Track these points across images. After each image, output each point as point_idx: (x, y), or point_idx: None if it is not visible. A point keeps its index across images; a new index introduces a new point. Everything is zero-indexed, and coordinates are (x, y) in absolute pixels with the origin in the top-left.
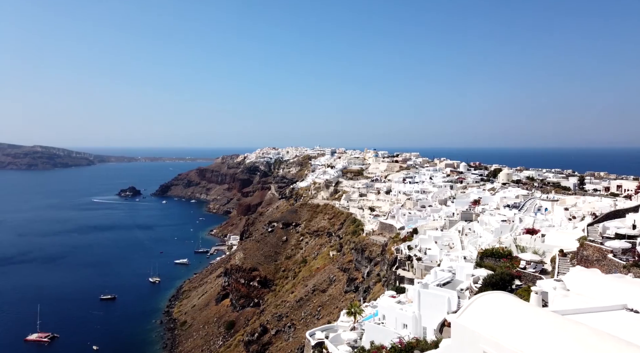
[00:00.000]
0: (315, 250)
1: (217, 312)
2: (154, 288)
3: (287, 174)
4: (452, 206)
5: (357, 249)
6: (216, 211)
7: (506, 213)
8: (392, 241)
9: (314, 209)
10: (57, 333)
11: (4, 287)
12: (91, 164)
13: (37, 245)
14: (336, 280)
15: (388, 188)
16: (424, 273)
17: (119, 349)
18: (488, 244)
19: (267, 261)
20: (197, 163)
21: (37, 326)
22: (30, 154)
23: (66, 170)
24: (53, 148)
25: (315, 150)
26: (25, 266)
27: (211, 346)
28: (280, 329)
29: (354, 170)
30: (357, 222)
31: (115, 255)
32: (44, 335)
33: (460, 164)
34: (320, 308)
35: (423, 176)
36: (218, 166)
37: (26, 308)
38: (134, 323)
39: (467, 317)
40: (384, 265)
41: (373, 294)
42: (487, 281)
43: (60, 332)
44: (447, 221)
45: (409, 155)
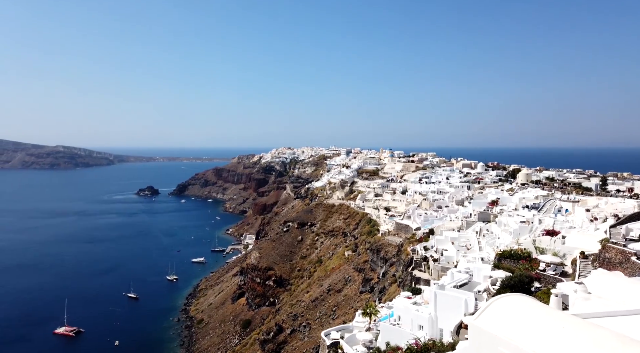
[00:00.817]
0: (331, 250)
1: (233, 311)
2: (171, 287)
3: (302, 174)
4: (469, 207)
5: (372, 249)
6: (232, 211)
7: (525, 214)
8: (408, 241)
9: (329, 209)
10: (82, 328)
11: (34, 283)
12: (111, 163)
13: (61, 243)
14: (351, 280)
15: (404, 188)
16: (441, 275)
17: (138, 345)
18: (506, 245)
19: (282, 260)
20: (214, 163)
21: (64, 320)
22: (53, 154)
23: (87, 170)
24: (75, 148)
25: (331, 150)
26: (51, 262)
27: (227, 344)
28: (296, 328)
29: (370, 170)
30: (372, 222)
31: (134, 253)
32: (71, 329)
33: (477, 164)
34: (336, 308)
35: (439, 176)
36: (234, 166)
37: (55, 303)
38: (153, 321)
39: (485, 319)
40: (400, 265)
41: (389, 295)
42: (506, 283)
43: (85, 327)
44: (464, 222)
45: (425, 155)
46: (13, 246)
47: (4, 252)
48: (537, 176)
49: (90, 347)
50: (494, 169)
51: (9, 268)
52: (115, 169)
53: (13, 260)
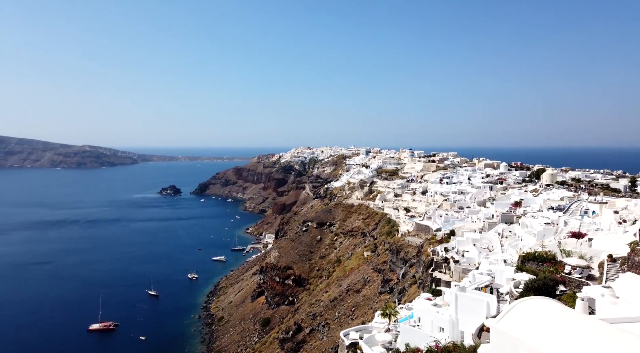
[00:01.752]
0: (350, 249)
1: (253, 309)
2: (192, 284)
3: (321, 173)
4: (492, 208)
5: (392, 250)
6: (252, 210)
7: (550, 215)
8: (428, 242)
9: (348, 209)
10: (117, 322)
11: (66, 281)
12: (135, 163)
13: (89, 241)
14: (370, 280)
15: (424, 188)
16: (462, 276)
17: (162, 341)
18: (530, 247)
19: (301, 260)
20: (234, 163)
21: (98, 316)
22: (80, 153)
23: (112, 169)
24: (100, 147)
25: (350, 150)
26: (80, 260)
27: (247, 342)
28: (315, 328)
29: (389, 170)
30: (392, 222)
31: (158, 252)
32: (108, 324)
33: (500, 164)
34: (355, 308)
35: (461, 176)
36: (254, 166)
37: (85, 301)
38: (175, 317)
39: (508, 322)
40: (420, 266)
41: (408, 296)
42: (529, 285)
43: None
44: (486, 223)
45: (446, 155)
46: (40, 245)
47: (32, 252)
48: (562, 177)
49: (119, 342)
50: (518, 169)
51: (39, 264)
52: (139, 168)
53: (42, 258)
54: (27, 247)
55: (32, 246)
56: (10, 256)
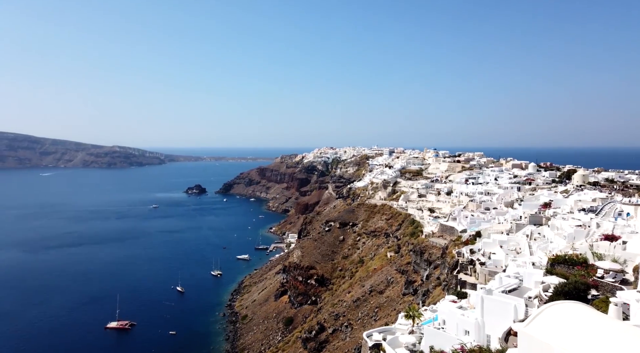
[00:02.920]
0: (373, 250)
1: (276, 308)
2: (217, 282)
3: (344, 174)
4: (520, 209)
5: (415, 251)
6: (275, 210)
7: (581, 217)
8: (453, 244)
9: (371, 209)
10: (134, 323)
11: (88, 279)
12: (162, 163)
13: (117, 238)
14: (394, 281)
15: (449, 188)
16: (488, 279)
17: (187, 337)
18: (560, 250)
19: (324, 260)
20: (258, 163)
21: (116, 314)
22: (110, 153)
23: (141, 168)
24: (129, 148)
25: (373, 150)
26: (104, 259)
27: (270, 341)
28: (337, 328)
29: (413, 170)
30: (415, 223)
31: (184, 249)
32: (124, 323)
33: (528, 164)
34: (378, 309)
35: (487, 176)
36: (277, 166)
37: (105, 298)
38: (200, 314)
39: (536, 327)
40: (445, 268)
41: (432, 298)
42: (559, 289)
43: (137, 320)
44: (513, 225)
45: (472, 155)
46: (71, 242)
47: (61, 248)
48: (595, 178)
49: (143, 339)
50: (547, 169)
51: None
52: (166, 168)
53: (68, 255)
54: (57, 243)
55: (62, 243)
56: (45, 253)
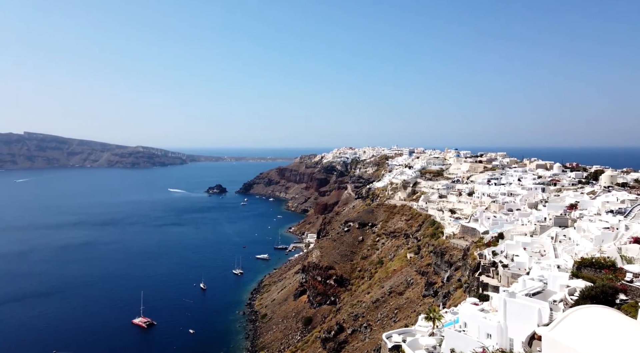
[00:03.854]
0: (392, 251)
1: (295, 307)
2: (237, 280)
3: (363, 174)
4: (544, 211)
5: (436, 252)
6: (294, 210)
7: (609, 219)
8: (475, 245)
9: (390, 209)
10: (155, 321)
11: (115, 275)
12: (184, 163)
13: (141, 237)
14: (414, 283)
15: (470, 189)
16: (511, 281)
17: (208, 335)
18: (586, 253)
19: (343, 260)
20: (277, 163)
21: (140, 311)
22: (134, 154)
23: (163, 168)
24: (152, 148)
25: (393, 150)
26: (131, 256)
27: (289, 340)
28: (357, 329)
29: (433, 171)
30: (436, 224)
31: (205, 248)
32: (145, 321)
33: (553, 165)
34: (397, 310)
35: (510, 177)
36: (296, 166)
37: (132, 294)
38: (220, 313)
39: (561, 331)
40: (466, 270)
41: (453, 300)
42: (586, 293)
43: (159, 317)
44: (537, 227)
45: (495, 155)
46: (101, 239)
47: (91, 245)
48: (623, 178)
49: (165, 336)
50: (573, 170)
51: (95, 257)
52: (188, 168)
53: (98, 253)
54: (85, 241)
55: (91, 240)
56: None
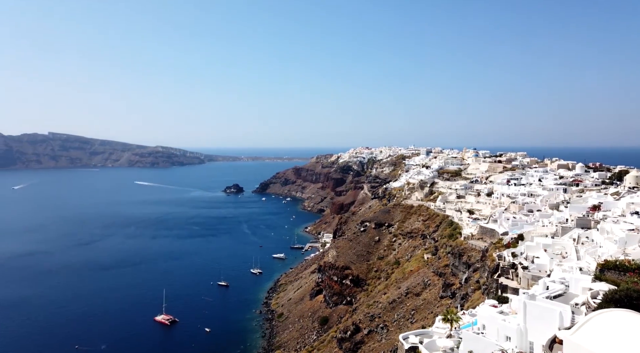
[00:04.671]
0: (409, 251)
1: (312, 307)
2: (255, 279)
3: (380, 174)
4: (566, 212)
5: (454, 253)
6: (310, 209)
7: (634, 220)
8: (494, 247)
9: (407, 210)
10: (177, 318)
11: (138, 274)
12: (202, 162)
13: (160, 236)
14: (431, 284)
15: (489, 189)
16: (531, 284)
17: (225, 333)
18: (610, 255)
19: (359, 260)
20: (294, 162)
21: (162, 308)
22: (154, 153)
23: (182, 168)
24: (171, 148)
25: (410, 150)
26: (152, 253)
27: (306, 339)
28: (373, 329)
29: (451, 171)
30: (454, 225)
31: (223, 247)
32: (167, 318)
33: (576, 165)
34: (414, 311)
35: (531, 177)
36: (313, 166)
37: (155, 292)
38: (238, 311)
39: (583, 335)
40: (484, 271)
41: (471, 302)
42: (609, 297)
43: (180, 315)
44: (559, 228)
45: (514, 155)
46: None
47: (113, 244)
48: None
49: (184, 333)
50: (596, 170)
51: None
52: (206, 167)
53: (120, 252)
54: (108, 240)
55: (115, 239)
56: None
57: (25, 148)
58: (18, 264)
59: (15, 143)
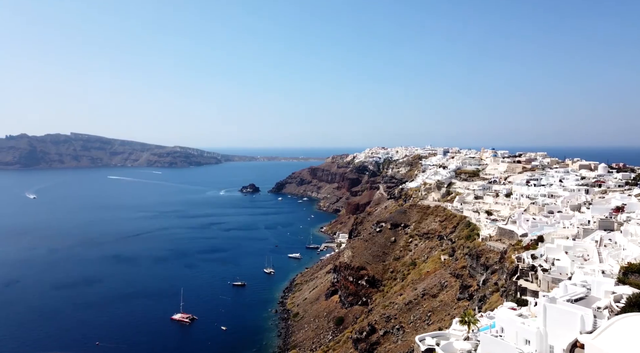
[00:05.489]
0: (425, 252)
1: (327, 307)
2: (269, 279)
3: (396, 174)
4: (588, 213)
5: (471, 255)
6: (326, 209)
7: None
8: (513, 248)
9: (424, 210)
10: (196, 316)
11: (155, 273)
12: (219, 162)
13: (176, 236)
14: (448, 285)
15: (508, 190)
16: (551, 286)
17: (241, 332)
18: (634, 258)
19: (375, 261)
20: (309, 162)
21: (180, 307)
22: (172, 154)
23: (199, 168)
24: (189, 148)
25: (426, 150)
26: (170, 252)
27: (321, 339)
28: (389, 330)
29: (469, 171)
30: (471, 226)
31: (238, 246)
32: (186, 316)
33: (598, 165)
34: (431, 313)
35: (551, 178)
36: (328, 166)
37: (171, 291)
38: (253, 310)
39: (606, 340)
40: (503, 273)
41: (489, 304)
42: (633, 300)
43: (197, 314)
44: (580, 230)
45: (534, 155)
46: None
47: (129, 244)
48: None
49: (200, 331)
50: (620, 171)
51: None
52: (222, 167)
53: (144, 251)
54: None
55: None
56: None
57: (49, 148)
58: (43, 262)
59: (39, 143)
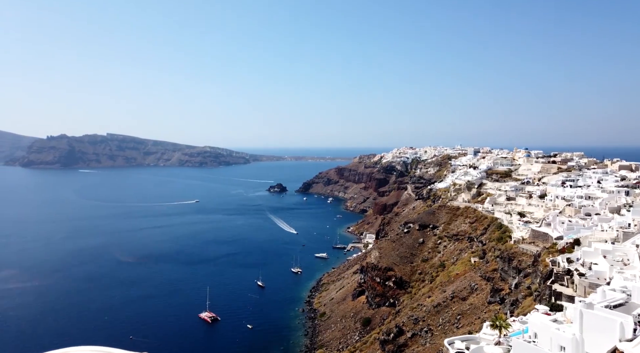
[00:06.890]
0: (455, 254)
1: (354, 307)
2: (296, 278)
3: (424, 174)
4: (628, 216)
5: (503, 257)
6: (353, 210)
7: None
8: (547, 251)
9: (453, 211)
10: (219, 316)
11: (184, 272)
12: (247, 162)
13: (203, 234)
14: (478, 288)
15: (542, 191)
16: (588, 291)
17: (268, 331)
18: None
19: (402, 262)
20: (336, 162)
21: (206, 306)
22: (202, 153)
23: (228, 167)
24: (218, 148)
25: (456, 150)
26: (198, 252)
27: (348, 340)
28: (417, 333)
29: (501, 171)
30: (503, 228)
31: (266, 245)
32: (210, 316)
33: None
34: (460, 316)
35: (588, 179)
36: (355, 166)
37: (199, 290)
38: (280, 309)
39: None
40: (536, 277)
41: (522, 308)
42: None
43: (223, 312)
44: (620, 233)
45: (570, 155)
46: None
47: (165, 241)
48: None
49: (227, 329)
50: None
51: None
52: (251, 167)
53: (171, 249)
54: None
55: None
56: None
57: (86, 148)
58: (76, 260)
59: (77, 143)
